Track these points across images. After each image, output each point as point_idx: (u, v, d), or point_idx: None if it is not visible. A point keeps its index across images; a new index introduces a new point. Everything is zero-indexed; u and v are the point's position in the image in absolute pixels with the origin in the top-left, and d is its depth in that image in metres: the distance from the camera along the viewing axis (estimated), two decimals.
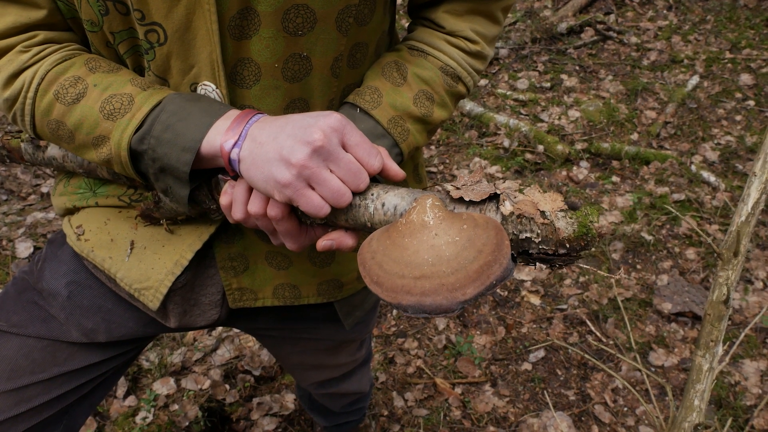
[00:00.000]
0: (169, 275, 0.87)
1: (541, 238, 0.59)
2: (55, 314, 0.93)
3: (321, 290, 0.97)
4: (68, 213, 0.94)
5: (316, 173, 0.64)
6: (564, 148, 3.25)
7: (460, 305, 0.57)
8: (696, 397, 0.76)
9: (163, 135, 0.69)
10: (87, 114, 0.73)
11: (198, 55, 0.72)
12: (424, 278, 0.58)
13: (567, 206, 0.60)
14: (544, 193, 0.62)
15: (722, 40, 4.28)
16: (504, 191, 0.62)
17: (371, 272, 0.61)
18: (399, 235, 0.62)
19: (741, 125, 3.48)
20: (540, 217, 0.59)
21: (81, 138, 0.74)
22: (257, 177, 0.65)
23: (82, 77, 0.74)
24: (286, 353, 1.21)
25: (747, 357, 2.23)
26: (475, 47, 0.88)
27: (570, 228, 0.59)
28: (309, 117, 0.66)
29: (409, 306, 0.58)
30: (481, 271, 0.57)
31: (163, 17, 0.69)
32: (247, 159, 0.66)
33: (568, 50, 4.31)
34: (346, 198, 0.66)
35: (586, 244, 0.59)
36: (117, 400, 1.99)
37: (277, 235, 0.74)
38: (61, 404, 0.96)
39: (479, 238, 0.59)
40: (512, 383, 2.17)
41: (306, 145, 0.63)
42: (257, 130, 0.67)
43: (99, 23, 0.72)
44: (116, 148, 0.72)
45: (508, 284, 2.55)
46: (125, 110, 0.72)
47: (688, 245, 2.73)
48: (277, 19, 0.70)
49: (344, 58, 0.80)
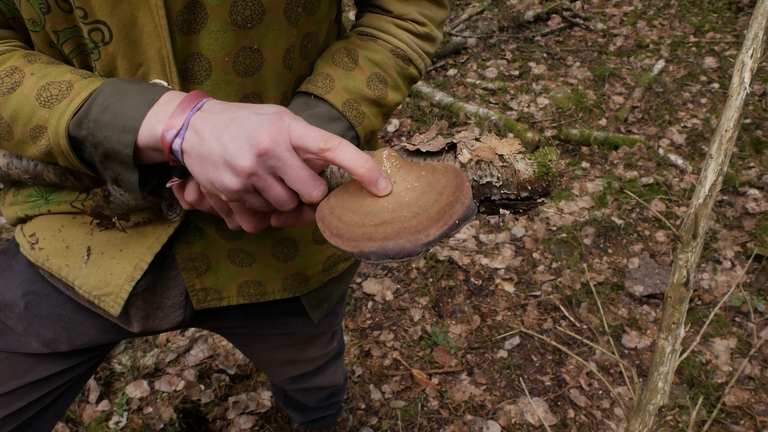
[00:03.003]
0: (129, 280, 0.85)
1: (501, 182, 0.59)
2: (12, 326, 0.91)
3: (286, 285, 0.96)
4: (20, 222, 0.91)
5: (263, 181, 0.61)
6: (534, 135, 3.27)
7: (424, 247, 0.56)
8: (660, 379, 0.77)
9: (102, 117, 0.65)
10: (22, 103, 0.69)
11: (146, 52, 0.70)
12: (385, 224, 0.58)
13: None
14: (501, 138, 0.61)
15: (686, 24, 4.34)
16: (461, 140, 0.62)
17: (330, 225, 0.60)
18: (357, 187, 0.61)
19: (706, 108, 3.53)
20: (499, 161, 0.59)
21: (18, 131, 0.70)
22: (201, 177, 0.63)
23: (19, 68, 0.70)
24: (256, 350, 1.20)
25: (717, 336, 2.27)
26: (424, 29, 0.87)
27: (530, 169, 0.58)
28: (255, 116, 0.62)
29: (371, 253, 0.57)
30: (443, 212, 0.57)
31: (108, 15, 0.66)
32: (191, 153, 0.62)
33: (535, 38, 4.33)
34: (290, 205, 0.63)
35: (547, 185, 0.59)
36: (89, 405, 1.96)
37: (232, 216, 0.71)
38: (24, 416, 0.94)
39: (439, 182, 0.59)
40: (488, 371, 2.18)
41: (252, 149, 0.59)
42: (200, 120, 0.62)
43: (41, 22, 0.69)
44: (54, 136, 0.67)
45: (482, 273, 2.56)
46: (63, 96, 0.67)
47: (658, 228, 2.76)
48: (225, 11, 0.69)
49: (296, 49, 0.78)
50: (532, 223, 2.82)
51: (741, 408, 2.02)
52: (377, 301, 2.45)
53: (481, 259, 2.64)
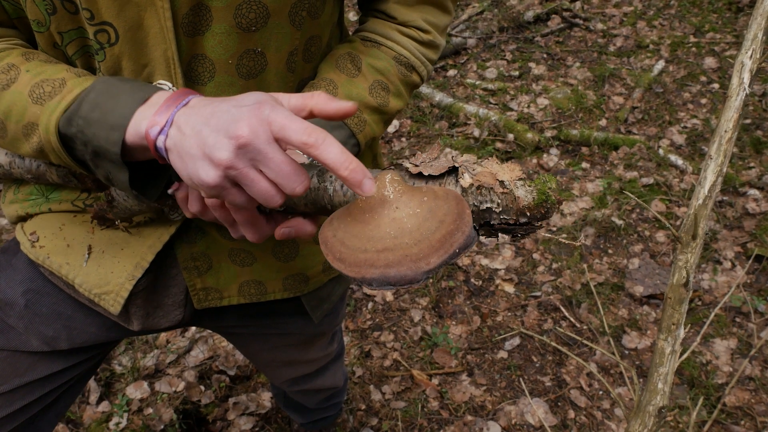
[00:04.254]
0: (129, 278, 0.85)
1: (501, 207, 0.60)
2: (13, 324, 0.91)
3: (287, 285, 0.96)
4: (21, 220, 0.91)
5: (243, 174, 0.58)
6: (534, 136, 3.27)
7: (425, 275, 0.57)
8: (659, 380, 0.77)
9: (91, 114, 0.64)
10: (16, 100, 0.68)
11: (151, 53, 0.70)
12: (387, 251, 0.58)
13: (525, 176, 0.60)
14: (502, 164, 0.62)
15: (686, 24, 4.34)
16: (462, 164, 0.63)
17: (333, 249, 0.60)
18: (360, 211, 0.62)
19: (706, 108, 3.53)
20: (499, 187, 0.60)
21: (12, 128, 0.70)
22: (183, 173, 0.60)
23: (16, 65, 0.70)
24: (255, 350, 1.20)
25: (717, 336, 2.27)
26: (428, 37, 0.88)
27: (530, 196, 0.59)
28: (235, 108, 0.58)
29: (373, 279, 0.57)
30: (444, 240, 0.57)
31: (114, 16, 0.67)
32: (173, 150, 0.60)
33: (535, 38, 4.33)
34: (276, 201, 0.60)
35: (546, 212, 0.60)
36: (90, 406, 1.96)
37: (236, 227, 0.71)
38: (25, 415, 0.94)
39: (440, 208, 0.59)
40: (489, 372, 2.18)
41: (230, 140, 0.56)
42: (183, 116, 0.60)
43: (46, 23, 0.69)
44: (45, 133, 0.66)
45: (482, 273, 2.56)
46: (55, 93, 0.67)
47: (658, 228, 2.76)
48: (229, 14, 0.69)
49: (299, 52, 0.79)
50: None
51: (741, 408, 2.02)
52: (377, 302, 2.45)
53: (481, 259, 2.64)
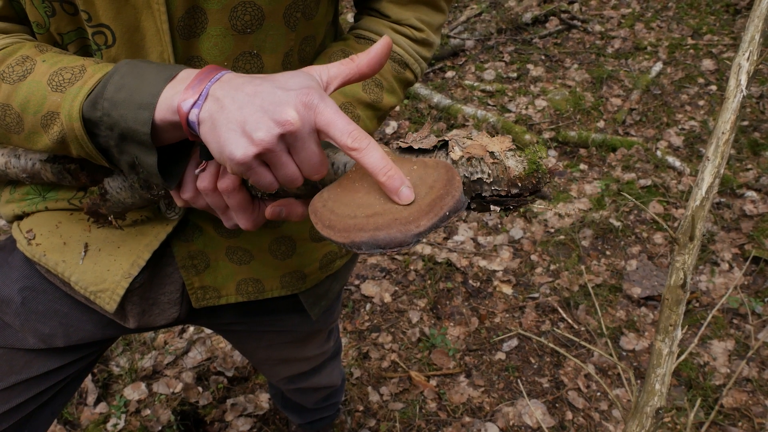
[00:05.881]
0: (126, 276, 0.85)
1: (492, 178, 0.60)
2: (9, 322, 0.91)
3: (284, 282, 0.96)
4: (17, 219, 0.91)
5: (277, 157, 0.58)
6: (532, 137, 3.27)
7: (415, 237, 0.56)
8: (657, 381, 0.77)
9: (117, 95, 0.62)
10: (33, 90, 0.66)
11: (147, 56, 0.71)
12: (376, 215, 0.58)
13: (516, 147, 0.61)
14: (492, 136, 0.62)
15: (684, 26, 4.35)
16: (452, 138, 0.63)
17: (323, 218, 0.60)
18: (349, 181, 0.62)
19: (704, 110, 3.54)
20: (490, 158, 0.60)
21: (29, 120, 0.68)
22: (214, 144, 0.59)
23: (30, 56, 0.69)
24: (252, 348, 1.20)
25: (715, 338, 2.27)
26: (421, 35, 0.88)
27: (520, 166, 0.60)
28: (281, 91, 0.58)
29: (362, 243, 0.57)
30: (434, 204, 0.57)
31: (111, 19, 0.67)
32: (207, 122, 0.58)
33: (533, 40, 4.34)
34: (297, 183, 0.62)
35: (537, 182, 0.60)
36: (87, 407, 1.96)
37: (228, 213, 0.71)
38: (21, 413, 0.94)
39: (430, 176, 0.59)
40: (486, 373, 2.18)
41: (276, 125, 0.56)
42: (220, 90, 0.59)
43: (45, 25, 0.70)
44: (67, 120, 0.64)
45: (480, 275, 2.56)
46: (76, 79, 0.65)
47: (656, 230, 2.77)
48: (225, 16, 0.70)
49: (294, 52, 0.79)
50: (530, 225, 2.82)
51: (739, 410, 2.03)
52: (375, 303, 2.45)
53: (480, 261, 2.64)
